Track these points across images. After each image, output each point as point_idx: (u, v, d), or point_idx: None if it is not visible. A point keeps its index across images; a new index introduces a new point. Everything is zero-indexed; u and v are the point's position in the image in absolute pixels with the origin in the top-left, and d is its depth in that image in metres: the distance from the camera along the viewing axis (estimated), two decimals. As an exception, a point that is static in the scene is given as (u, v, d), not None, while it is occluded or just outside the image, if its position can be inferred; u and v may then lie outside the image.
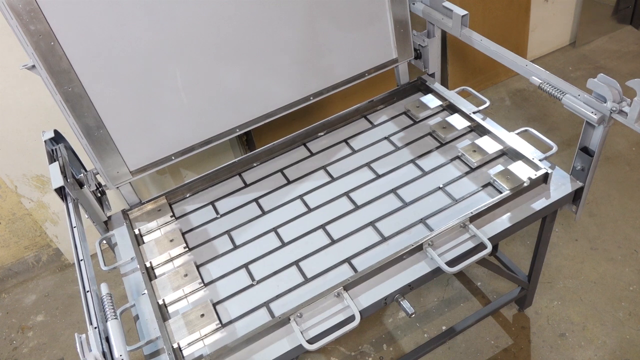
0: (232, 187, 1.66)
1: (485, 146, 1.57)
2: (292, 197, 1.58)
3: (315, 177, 1.64)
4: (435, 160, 1.62)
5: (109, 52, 1.36)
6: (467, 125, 1.66)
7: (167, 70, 1.45)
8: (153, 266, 1.44)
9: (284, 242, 1.46)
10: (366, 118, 1.83)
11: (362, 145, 1.72)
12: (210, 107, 1.58)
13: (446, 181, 1.53)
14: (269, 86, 1.64)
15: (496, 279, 2.06)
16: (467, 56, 2.65)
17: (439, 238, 1.35)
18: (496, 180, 1.46)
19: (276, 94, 1.66)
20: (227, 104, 1.60)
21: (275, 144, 1.73)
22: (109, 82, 1.39)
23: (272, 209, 1.56)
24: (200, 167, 2.17)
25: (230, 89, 1.58)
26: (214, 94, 1.56)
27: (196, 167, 2.23)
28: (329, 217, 1.50)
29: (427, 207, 1.47)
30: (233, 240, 1.49)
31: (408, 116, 1.80)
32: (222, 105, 1.59)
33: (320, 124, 1.78)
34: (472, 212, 1.37)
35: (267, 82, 1.63)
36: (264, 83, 1.62)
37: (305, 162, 1.70)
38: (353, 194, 1.56)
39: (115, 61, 1.38)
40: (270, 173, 1.68)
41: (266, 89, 1.64)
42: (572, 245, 2.13)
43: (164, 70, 1.45)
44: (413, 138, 1.71)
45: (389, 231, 1.42)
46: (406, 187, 1.55)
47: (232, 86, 1.58)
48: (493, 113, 2.73)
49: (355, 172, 1.63)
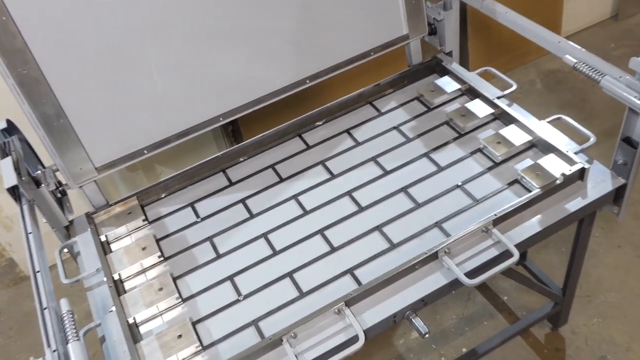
0: (215, 186, 1.66)
1: (512, 137, 1.57)
2: (285, 198, 1.58)
3: (312, 173, 1.64)
4: (452, 153, 1.61)
5: (72, 29, 1.36)
6: (491, 112, 1.66)
7: (139, 51, 1.45)
8: (122, 279, 1.44)
9: (275, 250, 1.46)
10: (372, 105, 1.83)
11: (367, 137, 1.71)
12: (189, 94, 1.57)
13: (465, 178, 1.53)
14: (258, 68, 1.63)
15: (525, 293, 2.06)
16: (491, 32, 2.65)
17: (457, 245, 1.35)
18: (524, 176, 1.46)
19: (266, 77, 1.66)
20: (208, 90, 1.60)
21: (266, 136, 1.73)
22: (71, 63, 1.39)
23: (261, 211, 1.56)
24: (178, 163, 2.17)
25: (212, 72, 1.58)
26: (193, 78, 1.56)
27: (173, 162, 2.23)
28: (328, 220, 1.50)
29: (443, 208, 1.47)
30: (216, 248, 1.50)
31: (421, 102, 1.79)
32: (202, 90, 1.59)
33: (318, 112, 1.78)
34: (495, 214, 1.37)
35: (256, 64, 1.62)
36: (251, 64, 1.62)
37: (301, 156, 1.70)
38: (356, 194, 1.56)
39: (79, 40, 1.38)
40: (260, 169, 1.68)
41: (254, 72, 1.63)
42: (614, 252, 2.13)
43: (136, 51, 1.45)
44: (427, 128, 1.70)
45: (398, 237, 1.42)
46: (419, 185, 1.54)
47: (214, 69, 1.58)
48: (521, 98, 2.73)
49: (359, 167, 1.63)
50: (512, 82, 1.71)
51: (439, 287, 1.31)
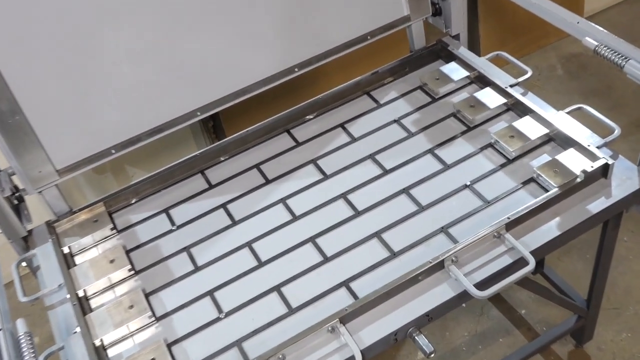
0: (192, 190, 1.65)
1: (527, 130, 1.57)
2: (271, 202, 1.58)
3: (302, 174, 1.64)
4: (460, 149, 1.61)
5: (26, 13, 1.35)
6: (503, 102, 1.66)
7: (104, 35, 1.45)
8: (88, 296, 1.44)
9: (260, 261, 1.46)
10: (369, 95, 1.82)
11: (364, 132, 1.71)
12: (163, 84, 1.57)
13: (475, 177, 1.53)
14: (241, 54, 1.63)
15: (545, 305, 2.07)
16: (504, 11, 2.65)
17: (465, 252, 1.35)
18: (541, 174, 1.47)
19: (250, 65, 1.65)
20: (184, 80, 1.59)
21: (250, 132, 1.73)
22: (27, 52, 1.39)
23: (245, 217, 1.56)
24: (151, 164, 2.17)
25: (188, 59, 1.57)
26: (166, 67, 1.55)
27: (146, 163, 2.23)
28: (321, 227, 1.49)
29: (449, 211, 1.47)
30: (194, 259, 1.49)
31: (425, 92, 1.79)
32: (177, 81, 1.58)
33: (309, 104, 1.78)
34: (509, 217, 1.37)
35: (238, 49, 1.62)
36: (233, 50, 1.61)
37: (289, 154, 1.70)
38: (352, 196, 1.56)
39: (35, 26, 1.37)
40: (243, 170, 1.68)
41: (236, 59, 1.63)
42: (645, 259, 2.14)
43: (101, 36, 1.45)
44: (431, 121, 1.70)
45: (399, 244, 1.42)
46: (422, 185, 1.54)
47: (191, 55, 1.57)
48: (540, 86, 2.73)
49: (355, 166, 1.62)
50: (527, 69, 1.71)
51: (445, 300, 1.30)
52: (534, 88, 2.65)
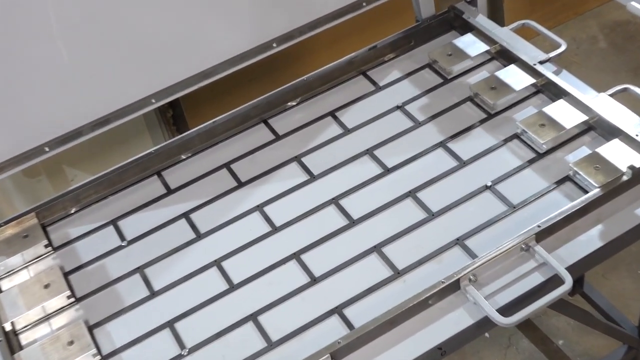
0: (147, 196, 1.65)
1: (561, 117, 1.57)
2: (245, 210, 1.58)
3: (283, 175, 1.64)
4: (479, 142, 1.61)
5: None
6: (531, 83, 1.67)
7: (35, 8, 1.43)
8: (17, 330, 1.42)
9: (232, 283, 1.45)
10: (366, 76, 1.82)
11: (360, 121, 1.71)
12: (108, 66, 1.56)
13: (497, 176, 1.53)
14: (205, 27, 1.62)
15: (588, 334, 2.07)
16: (533, -30, 2.66)
17: (486, 269, 1.34)
18: (578, 172, 1.47)
19: (218, 41, 1.65)
20: (135, 60, 1.59)
21: (218, 123, 1.72)
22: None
23: (212, 229, 1.55)
24: (95, 164, 2.16)
25: (140, 35, 1.57)
26: (113, 44, 1.55)
27: (89, 163, 2.22)
28: (307, 240, 1.49)
29: (466, 219, 1.47)
30: (149, 283, 1.49)
31: (434, 71, 1.80)
32: (127, 61, 1.58)
33: (291, 88, 1.78)
34: (539, 225, 1.37)
35: (202, 22, 1.61)
36: (196, 23, 1.61)
37: (267, 150, 1.70)
38: (346, 202, 1.55)
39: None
40: (210, 170, 1.68)
41: (200, 33, 1.63)
42: None
43: (30, 9, 1.43)
44: (443, 107, 1.71)
45: (404, 260, 1.42)
46: (432, 187, 1.55)
47: (143, 30, 1.56)
48: (578, 62, 2.75)
49: (349, 165, 1.63)
50: (560, 41, 1.71)
51: (462, 330, 1.30)
52: (570, 65, 2.67)
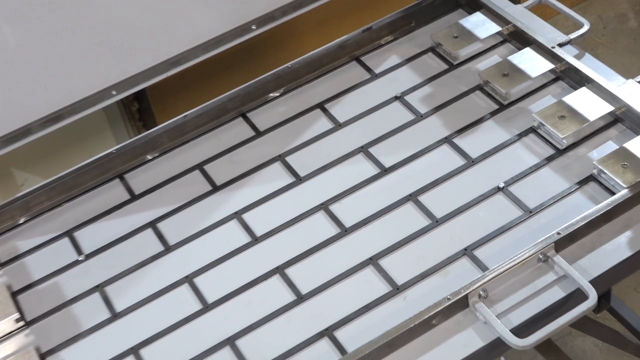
0: (108, 202, 1.65)
1: (584, 107, 1.58)
2: (221, 217, 1.58)
3: (264, 176, 1.64)
4: (489, 137, 1.62)
5: None
6: (550, 68, 1.68)
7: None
8: (-43, 359, 1.43)
9: (206, 303, 1.45)
10: (360, 62, 1.83)
11: (353, 114, 1.72)
12: (63, 53, 1.56)
13: (511, 176, 1.54)
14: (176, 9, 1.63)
15: (618, 356, 2.07)
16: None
17: (498, 283, 1.35)
18: (604, 170, 1.47)
19: (188, 23, 1.65)
20: (93, 46, 1.58)
21: (190, 117, 1.73)
22: None
23: (183, 240, 1.56)
24: (49, 166, 2.15)
25: (99, 18, 1.56)
26: (67, 29, 1.55)
27: (42, 165, 2.21)
28: (292, 252, 1.49)
29: (475, 226, 1.47)
30: (110, 303, 1.48)
31: (438, 55, 1.81)
32: (83, 48, 1.58)
33: (274, 76, 1.78)
34: (559, 232, 1.38)
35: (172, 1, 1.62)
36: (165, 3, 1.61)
37: (246, 148, 1.70)
38: (337, 207, 1.56)
39: None
40: (180, 172, 1.68)
41: (169, 15, 1.63)
42: None
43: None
44: (448, 97, 1.71)
45: (404, 274, 1.42)
46: (436, 189, 1.55)
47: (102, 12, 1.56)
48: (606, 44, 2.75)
49: (341, 164, 1.63)
50: (582, 20, 1.72)
51: (471, 353, 1.30)
52: (596, 47, 2.66)
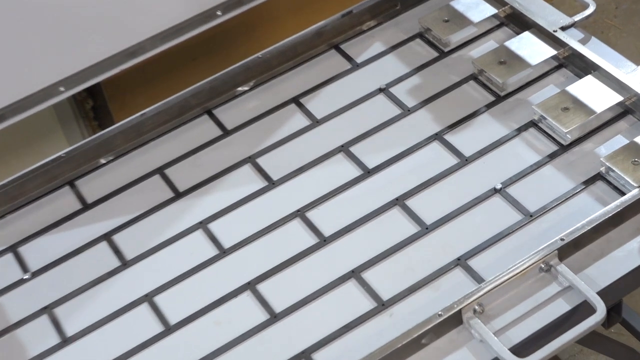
0: (57, 213, 1.65)
1: (590, 98, 1.59)
2: (184, 228, 1.58)
3: (233, 181, 1.65)
4: (485, 132, 1.63)
5: None
6: (551, 55, 1.69)
7: None
8: None
9: (169, 324, 1.45)
10: (339, 50, 1.84)
11: (332, 109, 1.73)
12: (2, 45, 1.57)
13: (509, 176, 1.55)
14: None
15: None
16: None
17: (495, 297, 1.35)
18: (612, 168, 1.48)
19: (146, 10, 1.67)
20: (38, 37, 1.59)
21: (149, 115, 1.74)
22: None
23: (142, 254, 1.56)
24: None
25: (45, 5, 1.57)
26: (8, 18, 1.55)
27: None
28: (264, 265, 1.49)
29: (469, 232, 1.48)
30: (60, 326, 1.48)
31: (427, 42, 1.82)
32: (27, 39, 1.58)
33: (243, 68, 1.79)
34: (562, 237, 1.38)
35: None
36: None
37: (213, 149, 1.71)
38: (314, 214, 1.56)
39: None
40: (138, 177, 1.69)
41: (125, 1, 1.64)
42: None
43: None
44: (438, 88, 1.72)
45: (390, 288, 1.43)
46: (426, 192, 1.56)
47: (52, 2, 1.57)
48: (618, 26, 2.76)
49: (319, 166, 1.64)
50: (587, 0, 1.73)
51: (465, 375, 1.31)
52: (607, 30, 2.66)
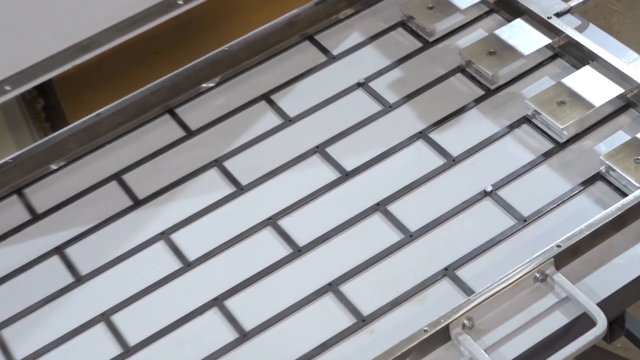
0: (3, 224, 1.66)
1: (588, 91, 1.60)
2: (144, 239, 1.59)
3: (198, 186, 1.65)
4: (473, 130, 1.64)
5: None
6: (546, 43, 1.70)
7: None
8: None
9: (128, 346, 1.45)
10: (314, 41, 1.85)
11: (306, 106, 1.74)
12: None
13: (500, 177, 1.55)
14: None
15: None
16: None
17: (486, 310, 1.35)
18: (613, 167, 1.48)
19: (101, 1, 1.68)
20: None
21: (104, 115, 1.74)
22: None
23: (98, 269, 1.56)
24: None
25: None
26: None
27: None
28: (233, 278, 1.49)
29: (458, 239, 1.48)
30: (8, 350, 1.48)
31: (410, 31, 1.83)
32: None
33: (208, 62, 1.80)
34: (559, 243, 1.38)
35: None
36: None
37: (175, 152, 1.72)
38: (287, 222, 1.57)
39: None
40: (93, 184, 1.69)
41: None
42: None
43: None
44: (422, 82, 1.73)
45: (372, 302, 1.43)
46: (410, 196, 1.56)
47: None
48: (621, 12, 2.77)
49: (292, 169, 1.65)
50: (585, -16, 1.75)
51: (454, 397, 1.32)
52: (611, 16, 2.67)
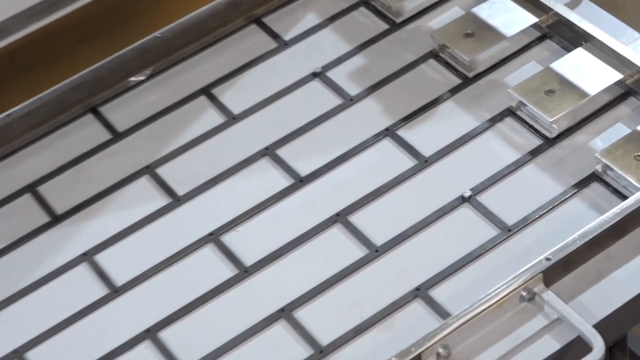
0: None
1: (580, 77, 1.61)
2: (64, 262, 1.59)
3: (126, 198, 1.66)
4: (448, 125, 1.66)
5: None
6: (532, 23, 1.71)
7: None
8: None
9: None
10: (261, 25, 1.87)
11: (253, 102, 1.75)
12: None
13: (480, 180, 1.57)
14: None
15: None
16: None
17: (464, 336, 1.36)
18: (610, 165, 1.50)
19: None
20: None
21: (15, 117, 1.76)
22: None
23: (10, 297, 1.56)
24: None
25: None
26: None
27: None
28: (167, 306, 1.50)
29: (430, 254, 1.49)
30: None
31: (374, 10, 1.85)
32: None
33: (137, 52, 1.82)
34: (548, 256, 1.39)
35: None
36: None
37: (99, 158, 1.73)
38: (231, 238, 1.57)
39: None
40: (4, 198, 1.71)
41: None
42: None
43: None
44: (389, 71, 1.75)
45: (331, 330, 1.43)
46: (375, 205, 1.57)
47: None
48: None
49: (237, 175, 1.66)
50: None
51: None
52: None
